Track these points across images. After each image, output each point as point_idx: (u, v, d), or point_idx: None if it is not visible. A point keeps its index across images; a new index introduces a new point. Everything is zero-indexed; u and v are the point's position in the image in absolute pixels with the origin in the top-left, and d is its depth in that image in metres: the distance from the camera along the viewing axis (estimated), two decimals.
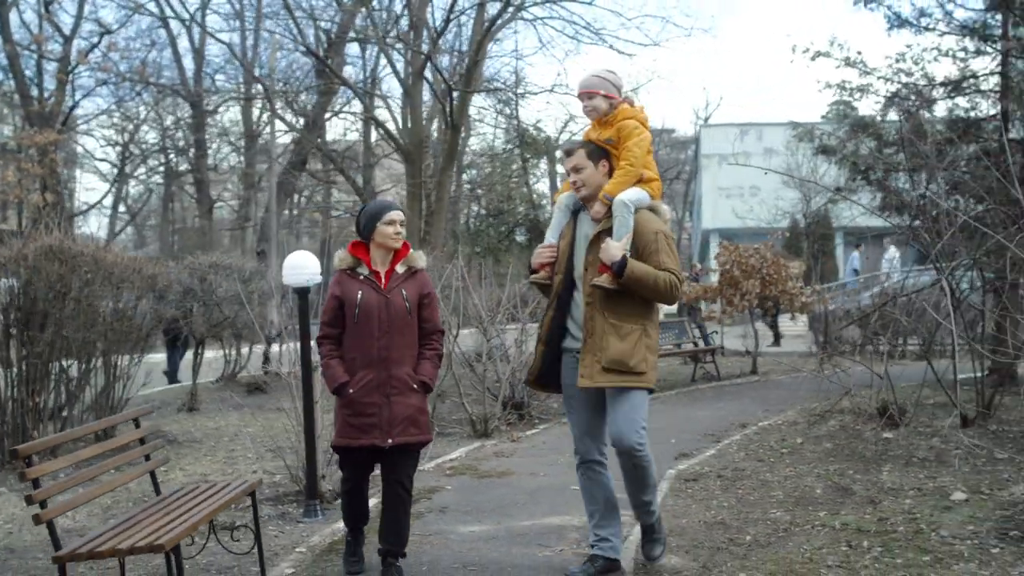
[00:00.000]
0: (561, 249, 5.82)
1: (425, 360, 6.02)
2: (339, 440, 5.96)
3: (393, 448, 5.86)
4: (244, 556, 6.47)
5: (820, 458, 9.38)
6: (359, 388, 5.81)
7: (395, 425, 5.82)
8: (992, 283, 11.30)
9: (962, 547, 6.24)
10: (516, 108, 26.52)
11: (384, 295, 5.90)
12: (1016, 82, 13.21)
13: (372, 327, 5.84)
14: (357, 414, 5.82)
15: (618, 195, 5.57)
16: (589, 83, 5.80)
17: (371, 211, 6.03)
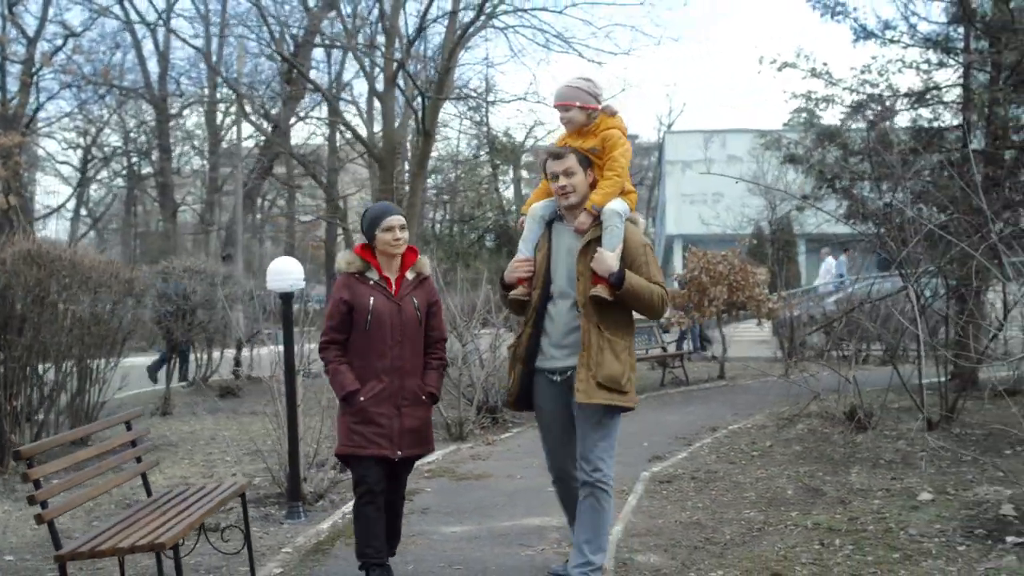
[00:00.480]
0: (538, 262, 5.51)
1: (431, 370, 5.84)
2: (344, 448, 5.68)
3: (400, 460, 5.70)
4: (233, 556, 6.59)
5: (790, 460, 9.61)
6: (370, 398, 5.58)
7: (405, 437, 5.66)
8: (955, 290, 11.58)
9: (930, 545, 6.47)
10: (486, 115, 26.75)
11: (396, 302, 5.69)
12: (977, 94, 13.52)
13: (385, 335, 5.62)
14: (367, 423, 5.59)
15: (607, 205, 5.37)
16: (564, 95, 5.60)
17: (370, 216, 5.80)
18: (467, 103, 26.16)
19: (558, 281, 5.46)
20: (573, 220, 5.47)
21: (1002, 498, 7.45)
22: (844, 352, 15.45)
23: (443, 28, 23.95)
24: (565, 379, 5.42)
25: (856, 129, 14.63)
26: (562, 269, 5.45)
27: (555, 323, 5.45)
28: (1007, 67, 13.38)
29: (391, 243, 5.70)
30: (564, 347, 5.42)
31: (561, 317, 5.43)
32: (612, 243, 5.30)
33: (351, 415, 5.62)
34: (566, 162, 5.41)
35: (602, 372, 5.22)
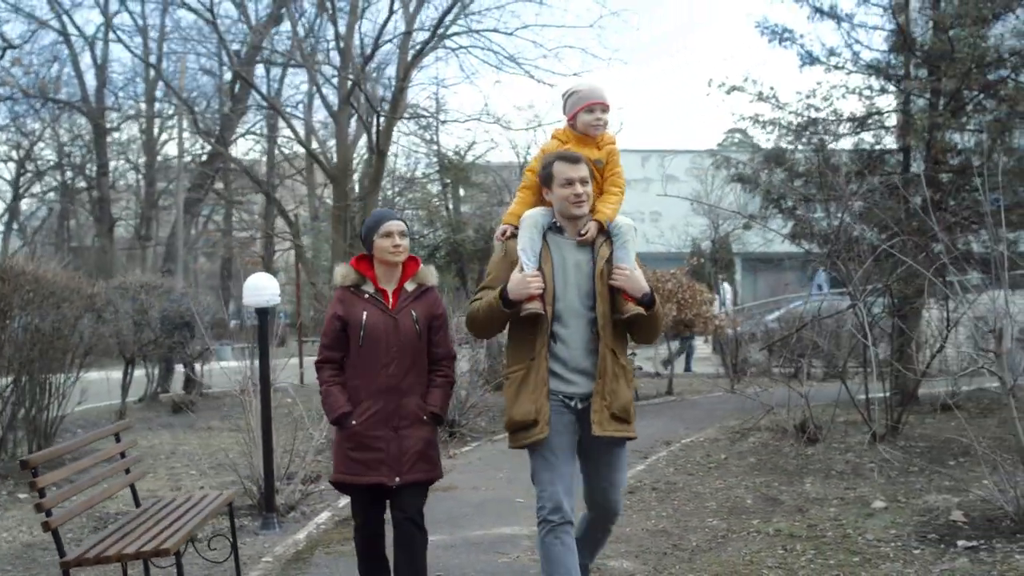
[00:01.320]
0: (545, 275, 4.94)
1: (436, 388, 5.38)
2: (339, 476, 5.31)
3: (400, 487, 5.23)
4: (216, 566, 6.77)
5: (746, 471, 9.95)
6: (364, 420, 5.19)
7: (404, 461, 5.21)
8: (898, 308, 12.02)
9: (887, 549, 6.82)
10: (437, 134, 27.04)
11: (392, 316, 5.27)
12: (917, 119, 14.01)
13: (379, 352, 5.22)
14: (361, 448, 5.20)
15: (617, 220, 5.09)
16: (604, 95, 5.27)
17: (368, 223, 5.45)
18: (418, 122, 26.42)
19: (567, 300, 4.96)
20: (573, 231, 5.06)
21: (951, 505, 7.83)
22: (789, 368, 15.86)
23: (395, 47, 24.29)
24: (586, 406, 4.93)
25: (802, 151, 15.08)
26: (571, 288, 4.98)
27: (570, 346, 4.93)
28: (946, 94, 13.90)
29: (390, 250, 5.29)
30: (583, 372, 4.93)
31: (575, 339, 4.93)
32: (631, 259, 5.02)
33: (345, 440, 5.24)
34: (583, 168, 5.00)
35: (617, 402, 4.90)
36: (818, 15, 14.85)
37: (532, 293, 4.87)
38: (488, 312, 5.02)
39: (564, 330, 4.94)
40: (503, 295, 4.92)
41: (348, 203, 23.21)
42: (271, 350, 8.37)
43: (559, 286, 4.96)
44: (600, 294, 4.94)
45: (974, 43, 13.55)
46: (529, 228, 5.04)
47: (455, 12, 23.37)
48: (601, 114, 5.21)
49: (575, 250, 5.04)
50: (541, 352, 4.90)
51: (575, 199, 4.96)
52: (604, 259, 4.98)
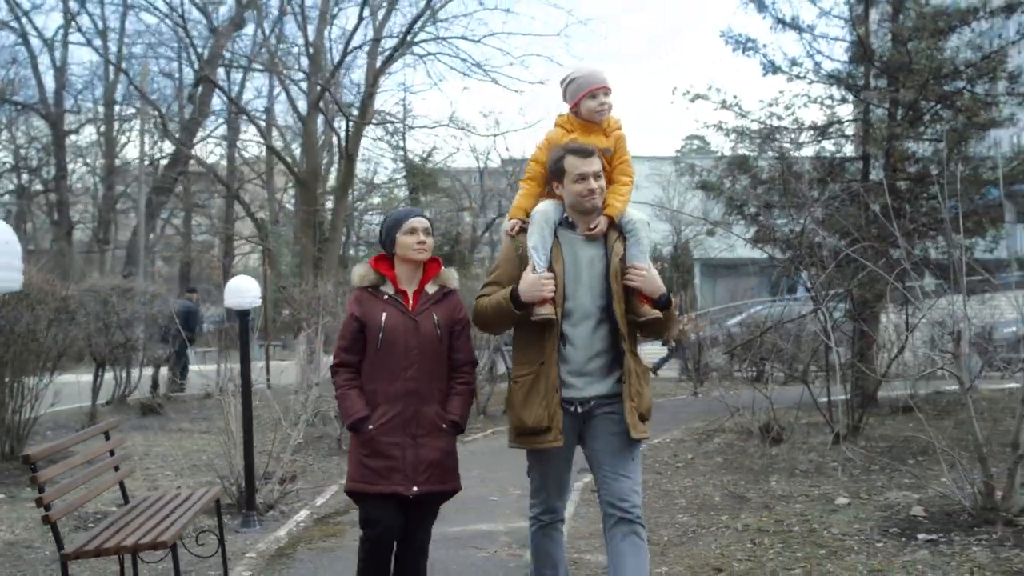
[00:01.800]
0: (557, 275, 4.75)
1: (456, 396, 5.13)
2: (353, 484, 5.05)
3: (417, 498, 5.00)
4: (200, 562, 6.92)
5: (713, 470, 10.23)
6: (380, 426, 4.95)
7: (421, 471, 4.97)
8: (859, 312, 12.36)
9: (851, 542, 7.09)
10: (404, 139, 27.31)
11: (412, 318, 5.05)
12: (876, 128, 14.39)
13: (397, 355, 4.99)
14: (376, 455, 4.94)
15: (629, 213, 4.93)
16: (605, 77, 5.05)
17: (390, 220, 5.20)
18: (385, 128, 26.66)
19: (578, 299, 4.77)
20: (585, 225, 4.87)
21: (911, 501, 8.14)
22: (752, 372, 16.20)
23: (363, 54, 24.52)
24: (586, 410, 4.78)
25: (765, 158, 15.42)
26: (583, 286, 4.79)
27: (577, 347, 4.74)
28: (904, 104, 14.28)
29: (414, 247, 5.06)
30: (586, 375, 4.77)
31: (583, 340, 4.75)
32: (646, 257, 4.86)
33: (360, 447, 4.99)
34: (596, 162, 4.79)
35: (643, 403, 4.76)
36: (781, 26, 15.22)
37: (545, 297, 4.67)
38: (497, 311, 4.83)
39: (572, 330, 4.76)
40: (514, 296, 4.72)
41: (317, 207, 23.39)
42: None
43: (570, 285, 4.76)
44: (616, 294, 4.74)
45: (931, 55, 13.98)
46: (540, 225, 4.82)
47: (424, 19, 23.64)
48: (604, 98, 4.99)
49: (587, 246, 4.84)
50: (551, 356, 4.72)
51: (588, 195, 4.75)
52: (619, 256, 4.79)
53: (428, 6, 23.32)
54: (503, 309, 4.78)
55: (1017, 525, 7.11)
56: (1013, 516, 7.19)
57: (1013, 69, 14.66)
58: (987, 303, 15.22)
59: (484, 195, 54.95)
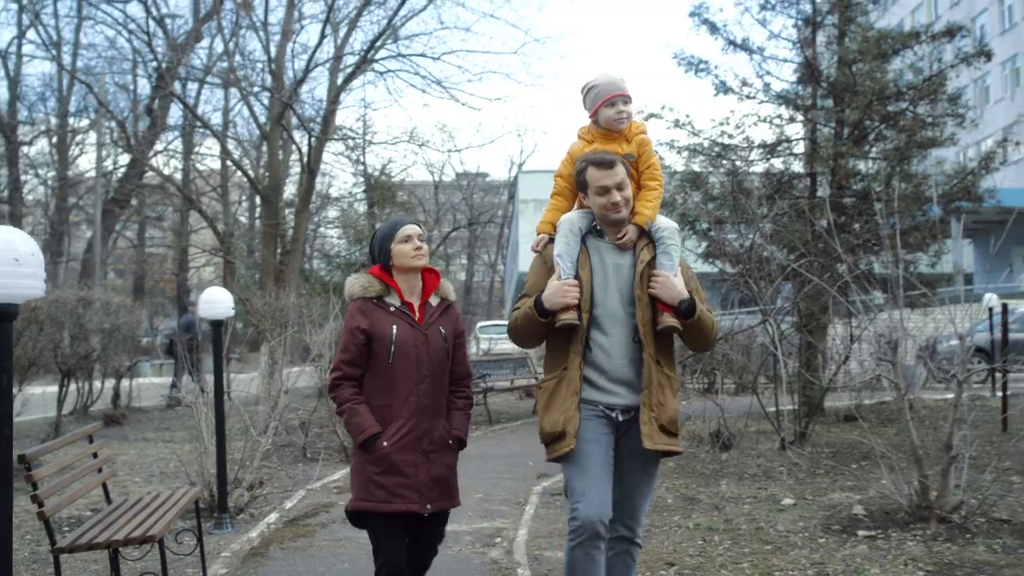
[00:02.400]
0: (583, 281, 4.61)
1: (458, 411, 5.04)
2: (361, 504, 4.80)
3: (430, 514, 4.86)
4: (184, 558, 7.25)
5: (666, 474, 10.65)
6: (395, 443, 4.75)
7: (433, 488, 4.83)
8: (805, 324, 12.88)
9: (796, 539, 7.54)
10: (364, 154, 27.70)
11: (422, 331, 4.91)
12: (823, 147, 14.95)
13: (410, 370, 4.82)
14: (391, 472, 4.73)
15: (659, 220, 4.78)
16: (624, 85, 4.92)
17: (382, 232, 5.05)
18: (346, 143, 27.06)
19: (608, 306, 4.64)
20: (615, 235, 4.73)
21: (853, 501, 8.63)
22: (702, 382, 16.67)
23: (325, 70, 24.92)
24: (628, 418, 4.60)
25: (716, 175, 15.93)
26: (612, 292, 4.66)
27: (610, 355, 4.60)
28: (849, 124, 14.88)
29: (411, 254, 4.91)
30: (625, 383, 4.60)
31: (617, 348, 4.60)
32: (674, 265, 4.69)
33: (372, 464, 4.74)
34: (618, 173, 4.62)
35: (665, 414, 4.56)
36: (732, 47, 15.78)
37: (568, 303, 4.53)
38: (526, 322, 4.69)
39: (604, 337, 4.62)
40: (538, 303, 4.60)
41: (279, 221, 23.70)
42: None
43: (598, 291, 4.63)
44: (640, 300, 4.60)
45: (875, 77, 14.56)
46: (566, 233, 4.70)
47: (385, 37, 24.08)
48: (623, 106, 4.83)
49: (616, 253, 4.71)
50: (574, 362, 4.59)
51: (612, 207, 4.62)
52: (645, 263, 4.65)
53: (390, 25, 23.81)
54: (530, 319, 4.64)
55: (950, 522, 7.60)
56: (946, 513, 7.68)
57: (953, 91, 15.32)
58: (930, 316, 15.78)
59: (439, 208, 55.42)
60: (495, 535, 8.20)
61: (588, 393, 4.58)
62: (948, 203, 15.30)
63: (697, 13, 15.66)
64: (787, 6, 15.71)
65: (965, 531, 7.45)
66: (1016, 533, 7.39)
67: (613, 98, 4.82)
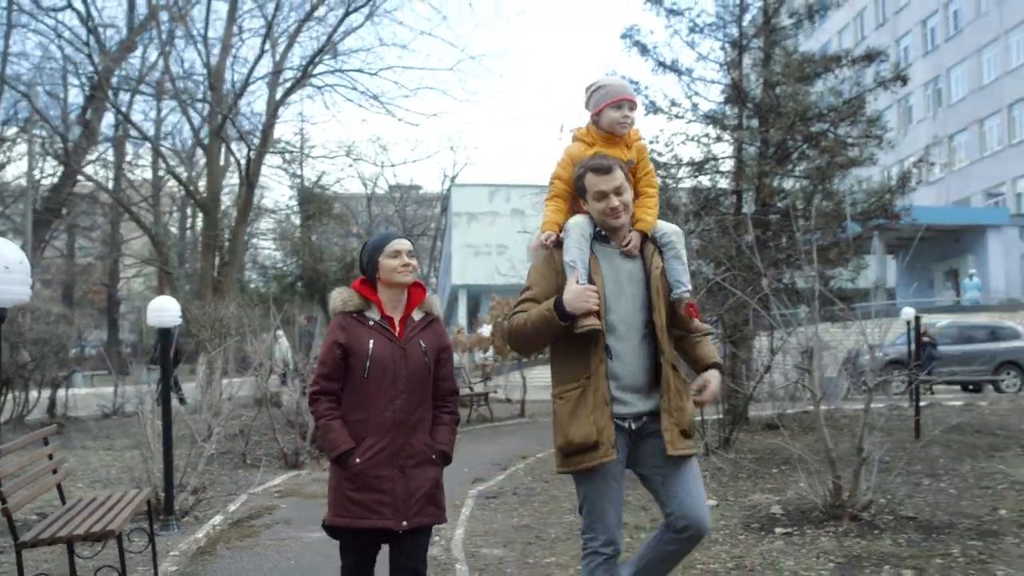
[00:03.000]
0: (599, 288, 4.51)
1: (443, 426, 4.99)
2: (336, 519, 4.80)
3: (406, 531, 4.80)
4: (137, 555, 7.55)
5: None
6: (369, 459, 4.73)
7: (411, 504, 4.78)
8: (730, 336, 13.42)
9: (717, 536, 8.03)
10: (301, 167, 27.96)
11: (401, 346, 4.86)
12: (748, 165, 15.56)
13: (386, 384, 4.80)
14: (363, 489, 4.73)
15: (660, 226, 4.76)
16: (631, 90, 4.91)
17: (372, 244, 4.99)
18: (283, 156, 27.34)
19: (622, 312, 4.57)
20: (619, 240, 4.65)
21: (772, 502, 9.15)
22: None
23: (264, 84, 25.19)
24: (639, 427, 4.56)
25: None
26: (625, 299, 4.59)
27: (625, 363, 4.54)
28: (773, 143, 15.50)
29: (399, 270, 4.88)
30: (639, 390, 4.56)
31: (631, 355, 4.55)
32: (686, 268, 4.70)
33: (347, 480, 4.74)
34: (616, 178, 4.56)
35: (684, 419, 4.54)
36: (662, 68, 16.34)
37: (591, 308, 4.41)
38: (539, 325, 4.50)
39: (619, 344, 4.55)
40: (559, 307, 4.44)
41: (218, 232, 23.90)
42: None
43: (612, 298, 4.56)
44: (656, 307, 4.56)
45: (798, 99, 15.19)
46: (577, 239, 4.58)
47: (324, 52, 24.43)
48: (629, 112, 4.77)
49: (624, 260, 4.64)
50: (599, 369, 4.48)
51: (611, 213, 4.55)
52: (659, 270, 4.62)
53: (329, 41, 24.17)
54: (549, 323, 4.47)
55: (861, 519, 8.15)
56: (857, 511, 8.22)
57: (872, 113, 16.01)
58: (849, 329, 16.43)
59: (372, 221, 55.62)
60: (433, 534, 8.58)
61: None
62: (866, 220, 15.99)
63: (629, 35, 16.23)
64: (715, 29, 16.33)
65: (874, 527, 7.99)
66: (920, 529, 7.94)
67: (620, 101, 4.76)
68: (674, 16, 16.15)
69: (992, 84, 49.40)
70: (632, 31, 16.19)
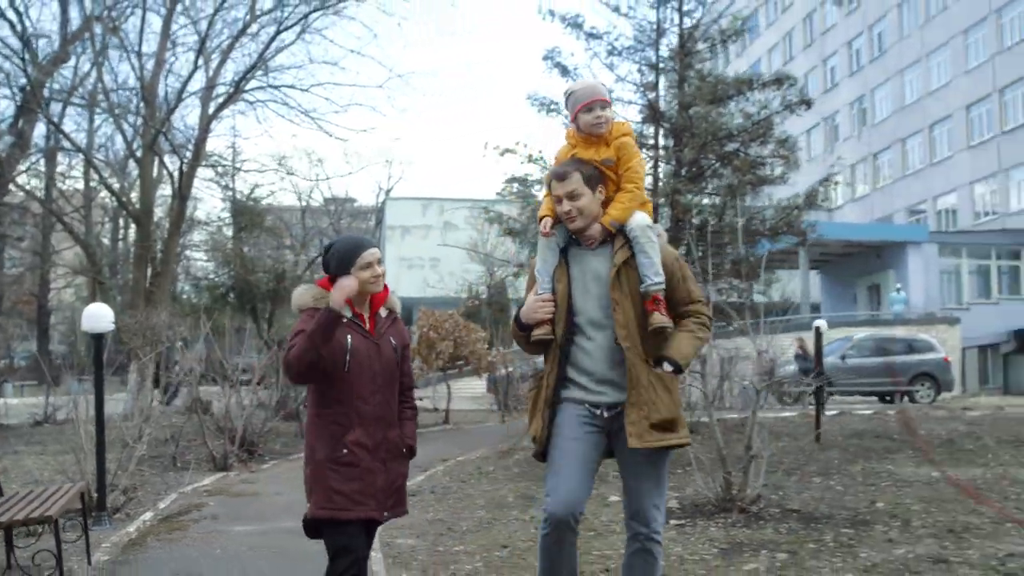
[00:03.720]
0: (560, 294, 4.75)
1: (408, 420, 5.10)
2: (320, 512, 4.78)
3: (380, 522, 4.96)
4: (71, 544, 8.01)
5: (510, 479, 11.75)
6: (353, 451, 4.78)
7: (389, 496, 4.90)
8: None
9: (616, 527, 8.66)
10: (233, 180, 28.36)
11: (375, 342, 4.93)
12: (663, 182, 16.29)
13: (365, 380, 4.85)
14: (352, 479, 4.76)
15: (632, 220, 4.78)
16: (601, 89, 4.96)
17: (344, 252, 4.95)
18: (216, 169, 27.72)
19: (588, 312, 4.74)
20: (586, 240, 4.82)
21: (670, 498, 9.81)
22: None
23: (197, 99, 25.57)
24: (613, 415, 4.72)
25: None
26: (592, 299, 4.74)
27: (594, 358, 4.72)
28: (687, 162, 16.26)
29: (371, 281, 4.91)
30: (611, 383, 4.72)
31: (601, 351, 4.71)
32: (653, 262, 4.70)
33: (332, 470, 4.77)
34: (569, 183, 4.70)
35: (656, 413, 4.59)
36: None
37: (541, 319, 4.72)
38: (513, 332, 4.96)
39: (588, 343, 4.73)
40: (517, 318, 4.85)
41: (151, 243, 24.23)
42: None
43: (578, 299, 4.74)
44: (617, 303, 4.67)
45: (710, 120, 15.97)
46: (543, 249, 4.86)
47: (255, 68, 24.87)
48: (601, 111, 4.80)
49: (594, 258, 4.80)
50: (551, 372, 4.77)
51: (566, 216, 4.73)
52: (619, 265, 4.71)
53: (261, 58, 24.62)
54: (513, 330, 4.95)
55: (749, 512, 8.85)
56: (746, 505, 8.93)
57: (780, 134, 16.82)
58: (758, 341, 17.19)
59: (306, 233, 55.85)
60: None
61: (573, 392, 4.75)
62: (773, 236, 16.80)
63: (550, 57, 16.88)
64: (632, 53, 17.02)
65: (760, 519, 8.71)
66: (802, 519, 8.68)
67: (591, 103, 4.83)
68: (593, 39, 16.80)
69: (914, 104, 50.93)
70: (553, 53, 16.84)
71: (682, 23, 17.04)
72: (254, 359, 18.13)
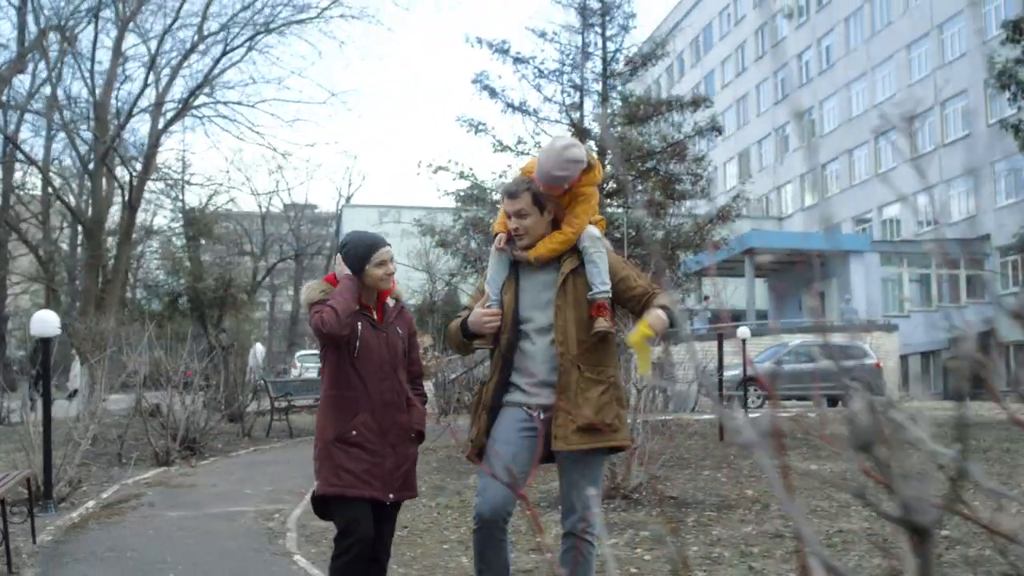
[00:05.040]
0: (506, 304, 4.92)
1: (415, 407, 5.22)
2: (328, 488, 4.97)
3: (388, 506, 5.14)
4: (17, 526, 8.96)
5: (428, 472, 12.76)
6: (363, 433, 4.97)
7: (397, 479, 5.08)
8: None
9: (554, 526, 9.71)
10: (183, 192, 29.25)
11: (383, 330, 5.14)
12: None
13: (374, 367, 5.04)
14: (359, 459, 4.94)
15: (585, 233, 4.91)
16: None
17: (360, 250, 5.10)
18: (166, 182, 28.65)
19: (536, 319, 4.90)
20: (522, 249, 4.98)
21: None
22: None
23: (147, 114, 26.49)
24: (549, 418, 4.83)
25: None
26: (539, 308, 4.91)
27: (537, 361, 4.87)
28: (606, 177, 17.36)
29: (383, 278, 5.11)
30: (549, 385, 4.85)
31: (541, 354, 4.88)
32: (600, 271, 4.85)
33: (340, 450, 4.94)
34: (518, 202, 4.86)
35: (583, 415, 4.70)
36: (510, 109, 18.12)
37: (485, 330, 4.89)
38: (454, 335, 5.13)
39: (532, 347, 4.89)
40: (463, 326, 5.01)
41: (102, 252, 25.12)
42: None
43: (525, 308, 4.90)
44: (559, 309, 4.84)
45: (631, 139, 17.12)
46: (494, 262, 5.03)
47: (204, 85, 25.86)
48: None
49: (541, 271, 4.95)
50: (492, 379, 4.97)
51: (515, 232, 4.90)
52: (565, 274, 4.89)
53: (207, 78, 25.61)
54: (454, 334, 5.12)
55: (631, 498, 9.91)
56: (628, 492, 9.99)
57: (695, 153, 18.00)
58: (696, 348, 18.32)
59: (266, 239, 56.58)
60: (275, 513, 10.15)
61: (514, 395, 4.90)
62: (692, 248, 17.96)
63: (479, 80, 17.99)
64: (558, 75, 18.16)
65: (639, 504, 9.78)
66: (676, 505, 9.80)
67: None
68: (520, 63, 17.92)
69: (860, 116, 52.38)
70: (482, 76, 17.96)
71: (605, 47, 18.18)
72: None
